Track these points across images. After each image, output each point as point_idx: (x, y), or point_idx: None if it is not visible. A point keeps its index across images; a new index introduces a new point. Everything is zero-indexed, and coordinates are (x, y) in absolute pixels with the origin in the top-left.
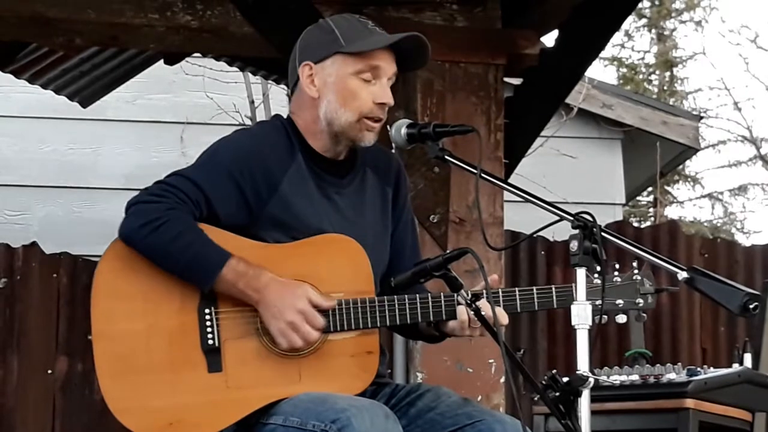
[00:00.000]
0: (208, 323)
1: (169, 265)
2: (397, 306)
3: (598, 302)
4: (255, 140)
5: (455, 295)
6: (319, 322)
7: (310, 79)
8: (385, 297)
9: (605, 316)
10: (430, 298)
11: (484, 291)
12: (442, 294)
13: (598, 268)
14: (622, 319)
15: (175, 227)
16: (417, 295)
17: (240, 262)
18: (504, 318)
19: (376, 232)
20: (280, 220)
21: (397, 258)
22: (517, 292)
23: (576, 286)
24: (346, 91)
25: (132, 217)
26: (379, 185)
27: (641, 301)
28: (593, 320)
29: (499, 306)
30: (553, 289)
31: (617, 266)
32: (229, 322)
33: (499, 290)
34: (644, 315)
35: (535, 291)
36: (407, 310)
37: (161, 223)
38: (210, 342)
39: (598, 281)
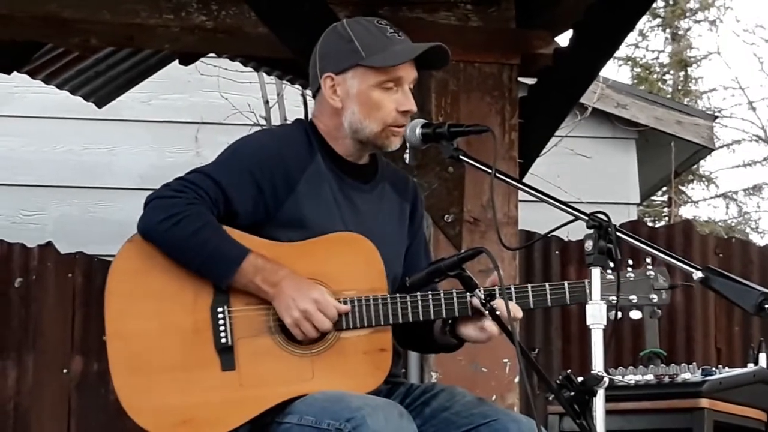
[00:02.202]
0: (221, 322)
1: (188, 260)
2: (409, 303)
3: (612, 298)
4: (275, 141)
5: (467, 293)
6: (332, 312)
7: (332, 90)
8: (398, 294)
9: (620, 312)
10: (442, 295)
11: (497, 289)
12: (454, 291)
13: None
14: (636, 314)
15: (195, 222)
16: (429, 293)
17: (258, 257)
18: (518, 312)
19: (392, 243)
20: (295, 220)
21: (411, 274)
22: (530, 288)
23: (590, 284)
24: (370, 103)
25: (152, 212)
26: (398, 200)
27: (655, 296)
28: (608, 317)
29: (512, 297)
30: (566, 285)
31: (631, 262)
32: (242, 320)
33: (512, 286)
34: (659, 311)
35: (548, 287)
36: (419, 307)
37: (181, 218)
38: (223, 340)
39: (612, 277)
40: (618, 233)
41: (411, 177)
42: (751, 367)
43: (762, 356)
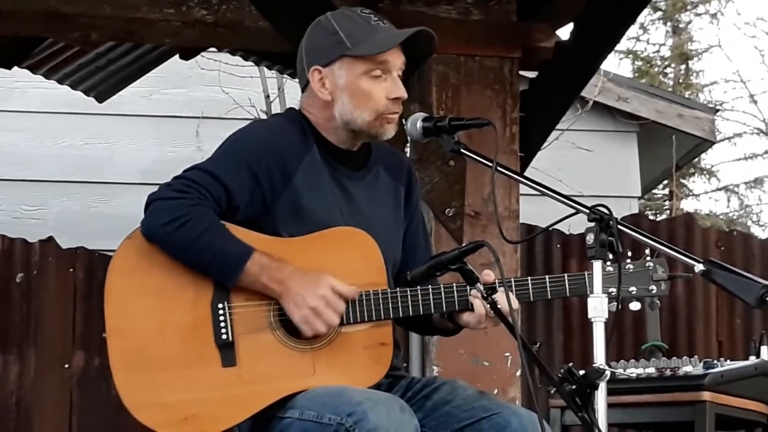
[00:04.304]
0: (222, 318)
1: (194, 262)
2: (409, 297)
3: (612, 290)
4: (271, 131)
5: (467, 286)
6: (341, 307)
7: (321, 83)
8: (398, 288)
9: (619, 304)
10: (442, 289)
11: (497, 282)
12: (454, 284)
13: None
14: (636, 306)
15: (200, 224)
16: (429, 286)
17: (263, 255)
18: (515, 304)
19: (388, 228)
20: (293, 211)
21: (411, 256)
22: (529, 281)
23: (591, 278)
24: (359, 92)
25: (155, 214)
26: (392, 183)
27: (654, 287)
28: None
29: (512, 289)
30: (566, 277)
31: (630, 254)
32: (243, 316)
33: (512, 279)
34: (658, 302)
35: (547, 279)
36: (420, 301)
37: (186, 221)
38: (224, 336)
39: (611, 269)
40: (619, 226)
41: (405, 156)
42: (752, 359)
43: (764, 349)
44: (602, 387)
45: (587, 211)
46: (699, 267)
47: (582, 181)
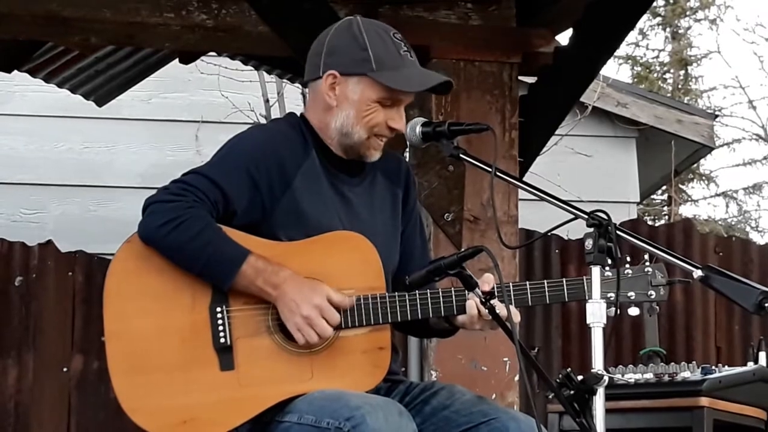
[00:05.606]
0: (220, 322)
1: (189, 264)
2: (408, 301)
3: (610, 295)
4: (270, 136)
5: (466, 292)
6: (334, 318)
7: (331, 87)
8: (396, 293)
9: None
10: (440, 293)
11: (496, 287)
12: (452, 289)
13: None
14: (634, 311)
15: (195, 226)
16: (428, 291)
17: (259, 259)
18: (516, 316)
19: (386, 232)
20: (292, 216)
21: (408, 259)
22: (528, 286)
23: (590, 282)
24: (365, 112)
25: (151, 217)
26: (389, 187)
27: (653, 293)
28: (606, 314)
29: (511, 300)
30: (564, 282)
31: (629, 259)
32: (241, 320)
33: (510, 284)
34: (657, 308)
35: (546, 284)
36: (418, 306)
37: (180, 222)
38: (222, 340)
39: (609, 274)
40: (618, 232)
41: (404, 158)
42: (750, 365)
43: (762, 355)
44: (600, 392)
45: (586, 216)
46: (697, 273)
47: (581, 186)
